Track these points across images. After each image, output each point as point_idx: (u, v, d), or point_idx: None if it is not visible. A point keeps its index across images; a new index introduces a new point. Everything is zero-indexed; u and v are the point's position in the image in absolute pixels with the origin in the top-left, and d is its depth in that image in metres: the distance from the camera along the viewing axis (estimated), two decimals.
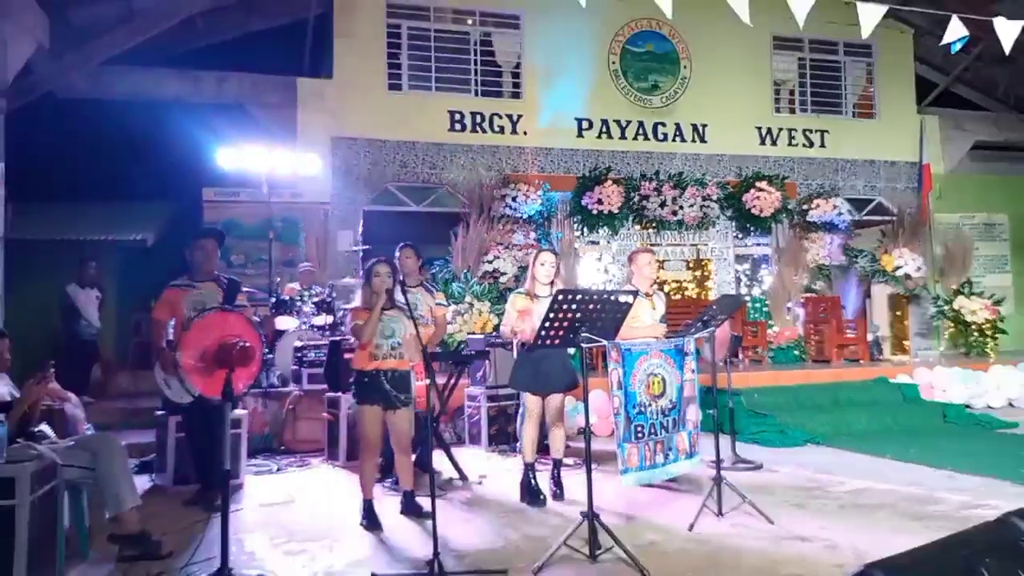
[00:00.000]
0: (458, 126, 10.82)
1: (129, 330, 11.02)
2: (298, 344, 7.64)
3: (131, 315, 10.76)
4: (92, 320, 8.77)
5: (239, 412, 5.86)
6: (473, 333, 8.54)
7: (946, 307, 11.17)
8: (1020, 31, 6.79)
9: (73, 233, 10.64)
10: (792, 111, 12.49)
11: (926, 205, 12.35)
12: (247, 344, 3.48)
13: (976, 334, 10.80)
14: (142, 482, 5.54)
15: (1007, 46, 6.84)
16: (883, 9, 6.32)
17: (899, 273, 11.24)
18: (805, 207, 11.56)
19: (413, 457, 5.00)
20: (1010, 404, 9.00)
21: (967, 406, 8.61)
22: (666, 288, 11.09)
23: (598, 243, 11.07)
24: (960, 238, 12.08)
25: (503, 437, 6.99)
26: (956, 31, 6.77)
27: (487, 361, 7.08)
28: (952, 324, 11.21)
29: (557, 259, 5.22)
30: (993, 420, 7.96)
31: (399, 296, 4.56)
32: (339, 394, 6.42)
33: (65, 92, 9.63)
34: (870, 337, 10.49)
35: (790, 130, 12.24)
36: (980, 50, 11.08)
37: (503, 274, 9.75)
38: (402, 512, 4.69)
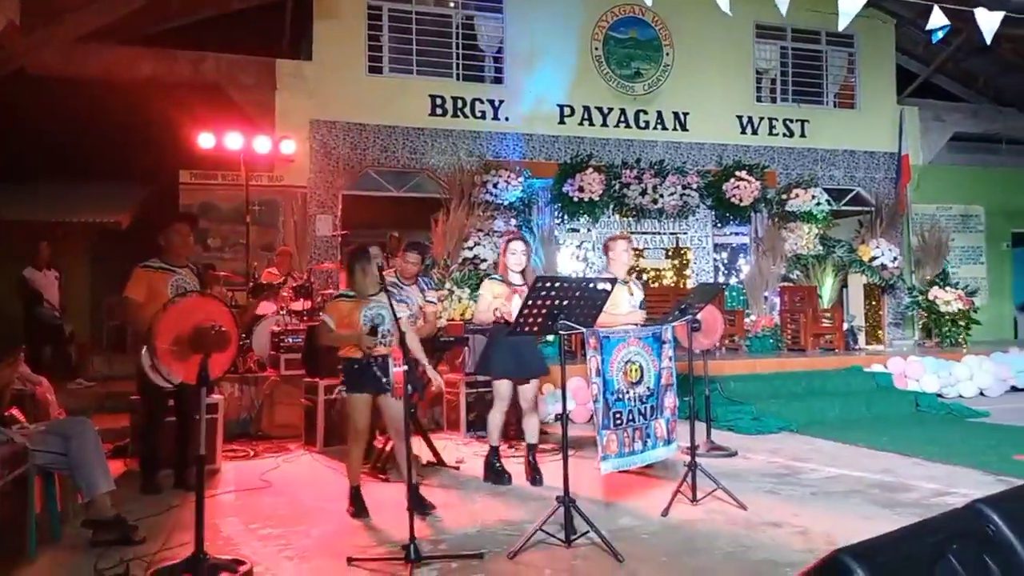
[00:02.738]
0: (439, 111, 10.75)
1: (103, 313, 10.90)
2: (275, 329, 7.59)
3: (105, 298, 10.63)
4: (54, 302, 8.64)
5: (215, 397, 5.83)
6: (453, 320, 8.53)
7: (921, 297, 11.30)
8: (1000, 22, 6.85)
9: (44, 214, 10.48)
10: (773, 100, 12.54)
11: (904, 196, 12.47)
12: (223, 329, 3.44)
13: (950, 324, 10.94)
14: (117, 467, 5.49)
15: (988, 36, 6.90)
16: None
17: (875, 263, 11.35)
18: (784, 197, 11.63)
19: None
20: (981, 393, 9.14)
21: (939, 395, 8.74)
22: (645, 276, 11.12)
23: (578, 231, 11.07)
24: (936, 229, 12.21)
25: (481, 423, 6.99)
26: (938, 19, 6.82)
27: (466, 347, 7.08)
28: (926, 314, 11.36)
29: (527, 247, 5.23)
30: (964, 409, 8.08)
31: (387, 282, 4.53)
32: (317, 380, 6.39)
33: (37, 69, 9.44)
34: (845, 326, 10.60)
35: (771, 119, 12.29)
36: (960, 41, 11.16)
37: (483, 260, 9.73)
38: (409, 508, 4.53)
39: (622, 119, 11.53)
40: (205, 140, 8.92)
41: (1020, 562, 2.21)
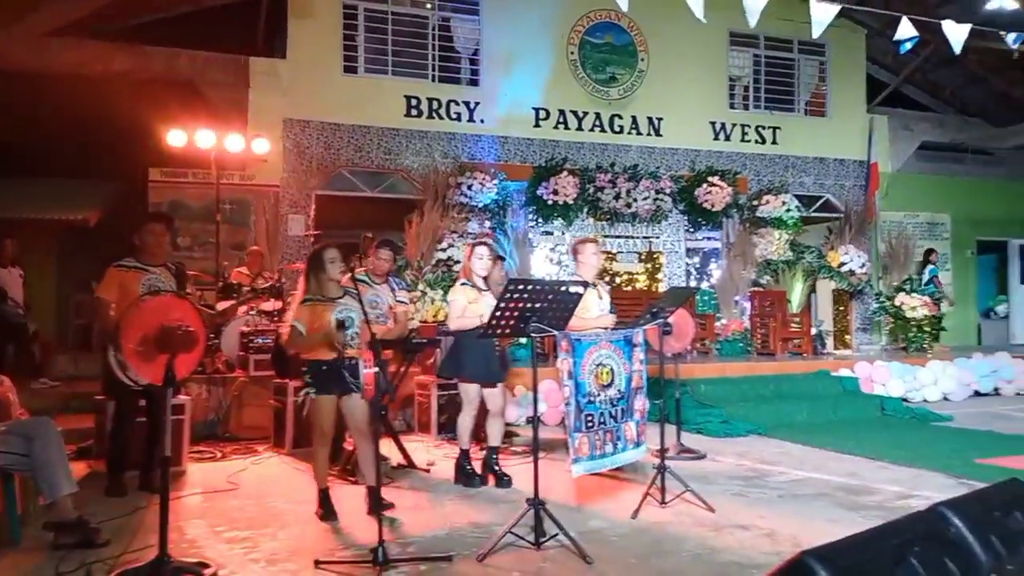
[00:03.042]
0: (414, 112, 10.72)
1: (69, 312, 10.71)
2: (245, 329, 7.51)
3: (71, 297, 10.45)
4: (19, 300, 8.47)
5: (182, 398, 5.76)
6: (426, 321, 8.50)
7: (888, 303, 11.47)
8: (967, 34, 6.99)
9: (9, 211, 10.28)
10: (746, 107, 12.66)
11: (872, 203, 12.66)
12: (190, 329, 3.40)
13: (915, 330, 11.12)
14: (80, 469, 5.40)
15: (956, 47, 7.04)
16: (835, 9, 6.44)
17: (844, 269, 11.50)
18: (755, 202, 11.75)
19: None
20: (945, 398, 9.30)
21: (904, 400, 8.87)
22: (617, 280, 11.17)
23: (552, 233, 11.09)
24: (904, 236, 12.41)
25: (453, 426, 6.97)
26: (906, 30, 6.95)
27: (438, 349, 7.06)
28: (893, 320, 11.53)
29: (492, 252, 5.25)
30: (928, 414, 8.22)
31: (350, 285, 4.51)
32: (286, 381, 6.33)
33: (6, 63, 9.26)
34: (814, 331, 10.73)
35: (743, 126, 12.41)
36: (929, 52, 11.37)
37: (457, 262, 9.69)
38: (369, 512, 4.40)
39: (597, 123, 11.58)
40: (176, 138, 8.80)
41: (979, 564, 2.25)
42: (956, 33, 7.07)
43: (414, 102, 10.71)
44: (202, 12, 10.52)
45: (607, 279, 10.88)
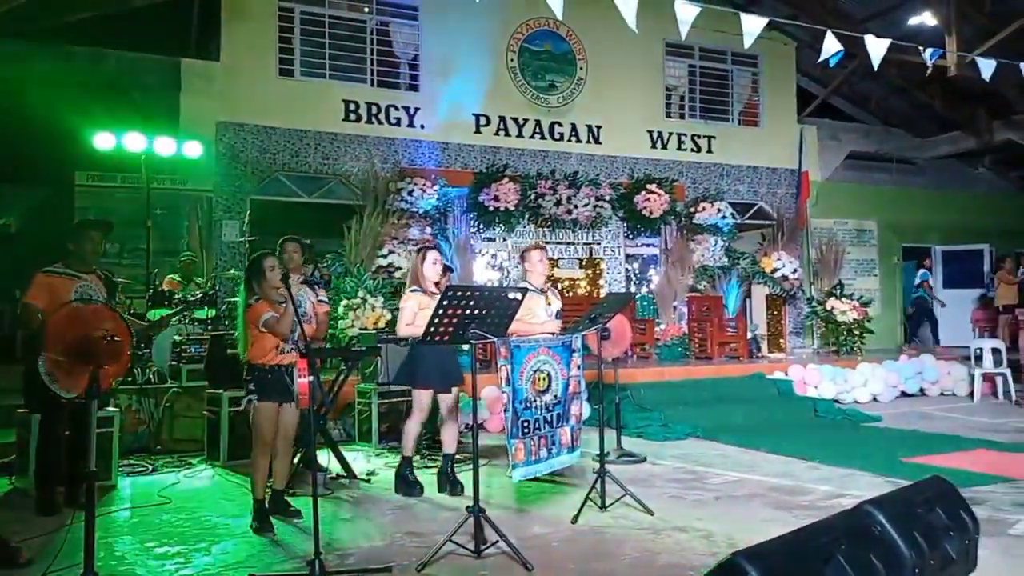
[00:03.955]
0: (353, 116, 10.60)
1: None
2: (177, 339, 7.30)
3: None
4: None
5: (111, 410, 5.56)
6: (365, 329, 8.40)
7: (819, 307, 11.82)
8: (887, 49, 7.27)
9: None
10: (682, 116, 12.91)
11: (804, 210, 13.04)
12: (116, 339, 3.28)
13: (846, 333, 11.48)
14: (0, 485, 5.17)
15: (875, 61, 7.32)
16: (764, 21, 6.62)
17: (777, 275, 11.82)
18: (692, 210, 11.98)
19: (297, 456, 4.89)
20: (875, 399, 9.60)
21: (836, 401, 9.13)
22: (559, 286, 11.24)
23: (494, 240, 11.10)
24: (833, 242, 12.82)
25: (394, 434, 6.90)
26: (831, 45, 7.19)
27: (378, 357, 6.97)
28: (824, 323, 11.89)
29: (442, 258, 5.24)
30: (859, 415, 8.48)
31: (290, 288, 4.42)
32: (220, 391, 6.17)
33: None
34: (749, 335, 10.99)
35: (680, 135, 12.65)
36: (855, 65, 11.78)
37: (398, 269, 9.62)
38: (270, 512, 4.47)
39: (537, 130, 11.65)
40: (103, 140, 8.52)
41: (903, 559, 2.33)
42: (876, 48, 7.36)
43: (352, 106, 10.60)
44: (131, 13, 10.19)
45: (548, 285, 10.93)
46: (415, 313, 5.01)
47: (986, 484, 5.17)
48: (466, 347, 5.14)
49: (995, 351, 9.77)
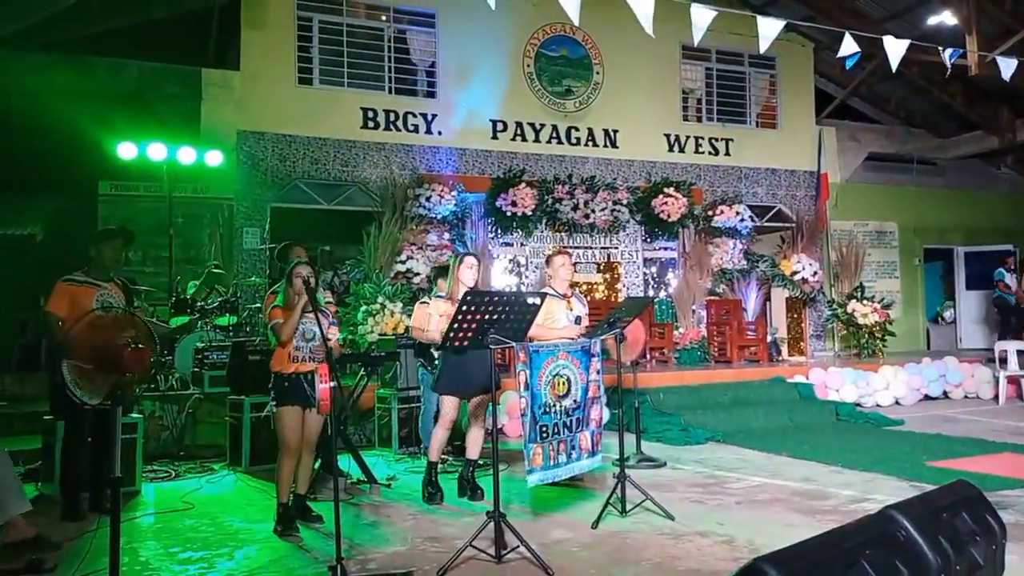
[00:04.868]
0: (371, 123, 10.67)
1: (15, 330, 10.37)
2: (200, 345, 7.37)
3: (16, 315, 10.13)
4: None
5: (135, 416, 5.62)
6: (384, 334, 8.43)
7: (840, 310, 11.72)
8: (906, 49, 7.20)
9: None
10: (699, 120, 12.86)
11: (823, 212, 12.94)
12: (140, 346, 3.32)
13: (867, 336, 11.38)
14: (28, 492, 5.23)
15: (894, 63, 7.26)
16: (780, 24, 6.59)
17: (797, 277, 11.74)
18: (710, 213, 11.92)
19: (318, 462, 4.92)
20: (897, 403, 9.52)
21: (858, 405, 9.05)
22: (577, 290, 11.22)
23: (512, 245, 11.12)
24: (854, 244, 12.71)
25: (413, 439, 6.93)
26: (849, 47, 7.15)
27: (397, 363, 7.01)
28: (845, 326, 11.78)
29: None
30: (881, 418, 8.40)
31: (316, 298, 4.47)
32: (242, 397, 6.22)
33: None
34: (769, 338, 10.91)
35: (697, 138, 12.61)
36: (874, 66, 11.69)
37: (416, 275, 9.65)
38: (295, 517, 4.54)
39: (554, 135, 11.66)
40: (126, 150, 8.63)
41: (928, 565, 2.30)
42: (895, 48, 7.29)
43: (371, 114, 10.67)
44: (151, 24, 10.35)
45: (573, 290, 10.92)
46: (438, 319, 4.96)
47: (1013, 488, 5.10)
48: None
49: (1020, 353, 9.65)
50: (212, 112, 9.85)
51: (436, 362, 5.54)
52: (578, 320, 5.47)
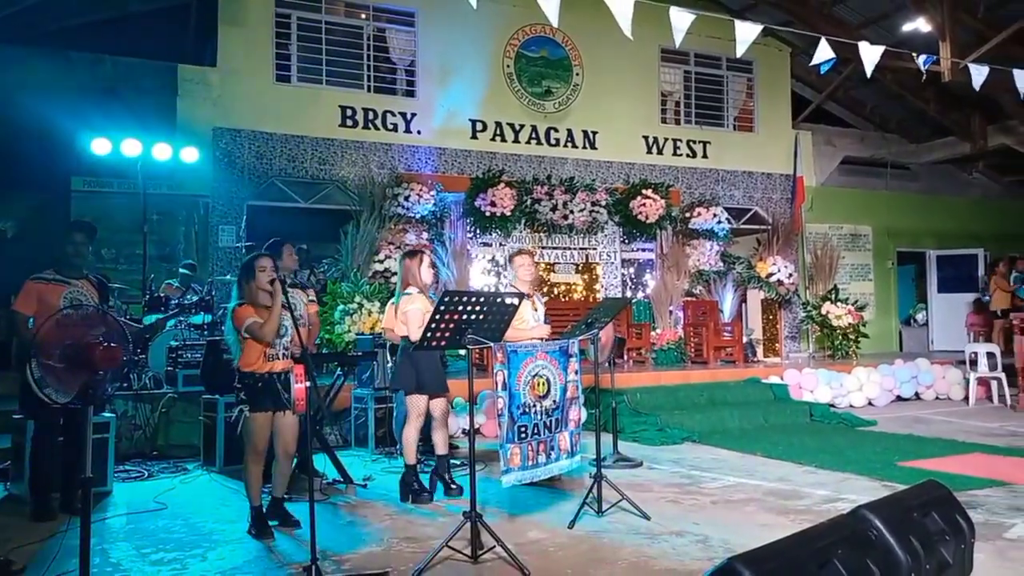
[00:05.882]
0: (350, 122, 10.61)
1: None
2: (173, 344, 7.29)
3: None
4: None
5: (107, 415, 5.54)
6: (362, 334, 8.39)
7: (814, 312, 11.85)
8: (881, 55, 7.30)
9: None
10: (677, 122, 12.94)
11: (799, 215, 13.08)
12: (112, 345, 3.28)
13: (841, 338, 11.51)
14: None
15: (869, 68, 7.35)
16: (758, 28, 6.65)
17: (772, 279, 11.85)
18: (687, 215, 12.01)
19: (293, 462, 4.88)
20: (870, 403, 9.63)
21: (831, 405, 9.15)
22: (556, 291, 11.26)
23: (490, 245, 11.11)
24: (828, 247, 12.85)
25: (389, 439, 6.90)
26: (825, 52, 7.23)
27: (374, 362, 6.98)
28: (819, 328, 11.91)
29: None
30: (854, 419, 8.49)
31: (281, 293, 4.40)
32: (216, 396, 6.16)
33: None
34: (745, 339, 11.01)
35: (675, 140, 12.68)
36: (849, 71, 11.83)
37: (394, 274, 9.62)
38: (269, 520, 4.46)
39: (533, 136, 11.67)
40: (100, 146, 8.51)
41: (899, 563, 2.33)
42: (871, 54, 7.39)
43: (349, 112, 10.62)
44: (128, 18, 10.22)
45: (545, 290, 10.96)
46: (423, 315, 4.84)
47: (981, 488, 5.19)
48: (462, 352, 5.15)
49: (990, 355, 9.80)
50: (188, 108, 9.75)
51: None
52: (546, 319, 5.50)
